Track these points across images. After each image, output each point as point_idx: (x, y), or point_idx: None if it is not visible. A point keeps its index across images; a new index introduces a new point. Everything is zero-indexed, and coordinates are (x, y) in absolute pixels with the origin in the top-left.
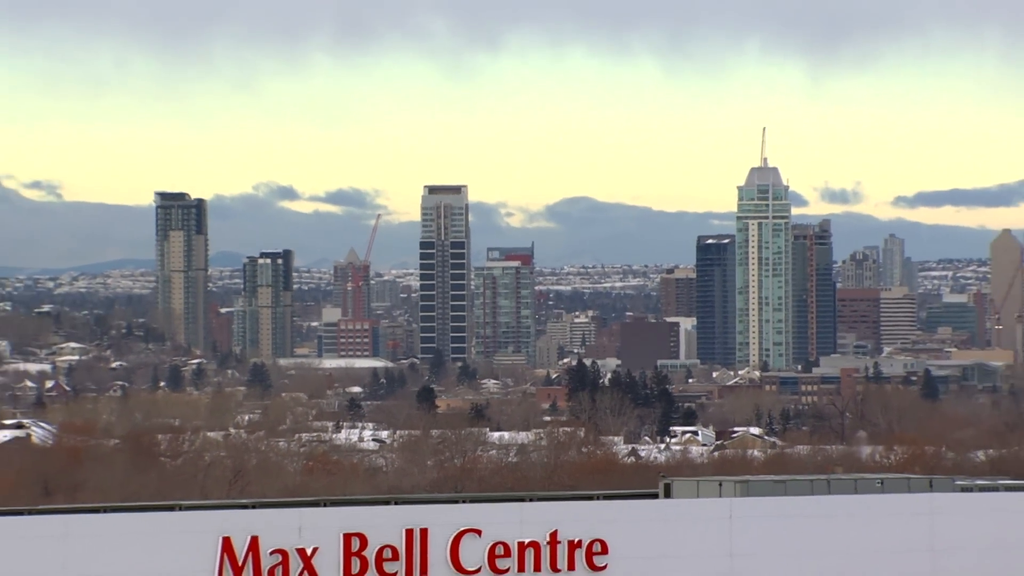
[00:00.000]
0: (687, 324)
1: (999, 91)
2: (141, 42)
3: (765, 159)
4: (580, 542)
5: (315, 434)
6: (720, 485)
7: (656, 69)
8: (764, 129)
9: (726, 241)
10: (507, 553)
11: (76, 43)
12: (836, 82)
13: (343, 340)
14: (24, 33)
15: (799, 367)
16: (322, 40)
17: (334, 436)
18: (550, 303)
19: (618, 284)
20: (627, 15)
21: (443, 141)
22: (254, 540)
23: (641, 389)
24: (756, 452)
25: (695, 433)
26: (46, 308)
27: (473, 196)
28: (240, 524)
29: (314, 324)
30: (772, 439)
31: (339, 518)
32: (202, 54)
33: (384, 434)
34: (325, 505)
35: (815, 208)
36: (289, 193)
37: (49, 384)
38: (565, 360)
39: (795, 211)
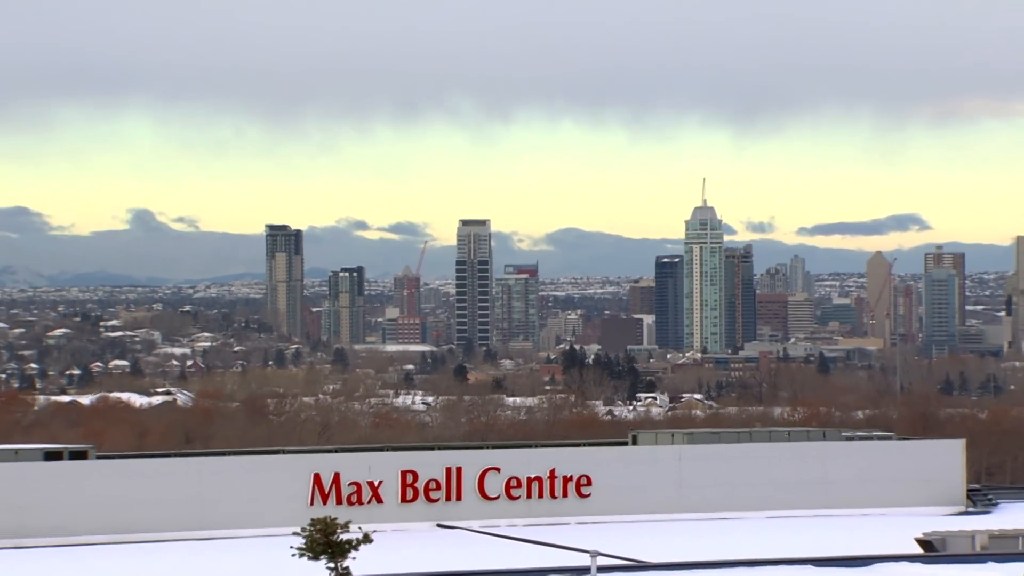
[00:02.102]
0: (649, 319)
1: (870, 152)
2: (253, 116)
3: (705, 200)
4: (571, 477)
5: (380, 399)
6: (672, 436)
7: (624, 136)
8: (704, 179)
9: (677, 260)
10: (519, 485)
11: (205, 116)
12: (754, 145)
13: (400, 331)
14: (167, 109)
15: (729, 350)
16: (384, 115)
17: (394, 400)
18: (550, 304)
19: (599, 291)
20: (602, 98)
21: (472, 187)
22: (336, 475)
23: (615, 367)
24: (698, 412)
25: (654, 398)
26: (187, 308)
27: (494, 227)
28: (326, 464)
29: (379, 319)
30: (710, 403)
31: (398, 459)
32: (297, 125)
33: (430, 399)
34: (387, 450)
35: (741, 236)
36: (362, 225)
37: (189, 363)
38: (560, 346)
39: (727, 238)
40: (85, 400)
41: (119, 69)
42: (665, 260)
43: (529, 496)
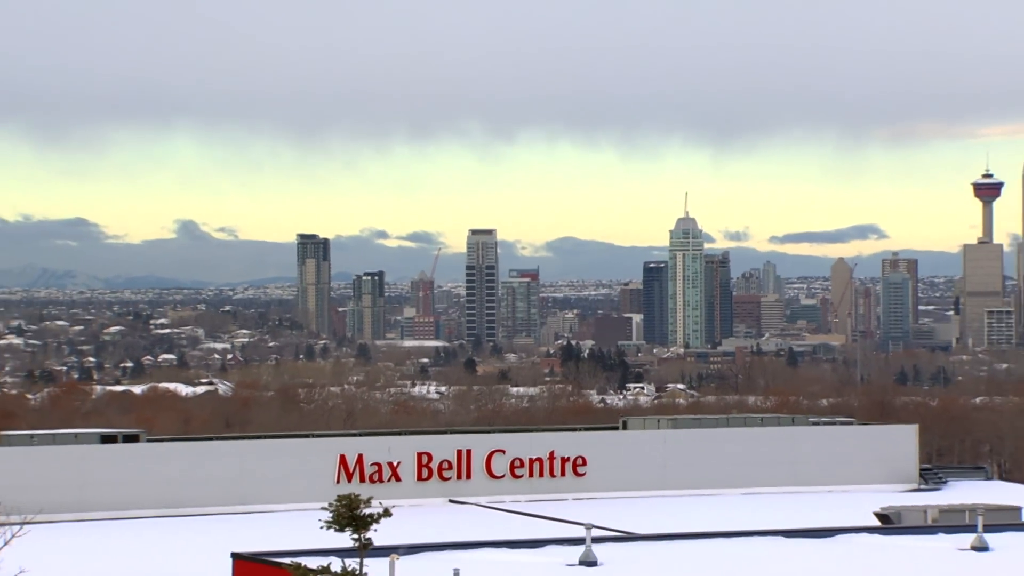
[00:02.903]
0: (637, 318)
1: (833, 170)
2: (285, 137)
3: (687, 212)
4: (569, 458)
5: (398, 388)
6: (658, 422)
7: (614, 155)
8: (686, 193)
9: (662, 265)
10: (522, 465)
11: (243, 137)
12: (730, 164)
13: (417, 328)
14: (209, 131)
15: (709, 346)
16: (401, 136)
17: (411, 390)
18: (549, 305)
19: (593, 292)
20: (595, 121)
21: (480, 201)
22: (360, 456)
23: (607, 360)
24: (681, 400)
25: (642, 388)
26: (227, 308)
27: (500, 236)
28: (351, 446)
29: (398, 318)
30: (692, 392)
31: (414, 442)
32: (324, 145)
33: (443, 388)
34: (405, 434)
35: (719, 244)
36: (383, 234)
37: (229, 356)
38: (559, 341)
39: (706, 246)
40: (137, 390)
41: (166, 95)
42: (652, 265)
43: (531, 475)
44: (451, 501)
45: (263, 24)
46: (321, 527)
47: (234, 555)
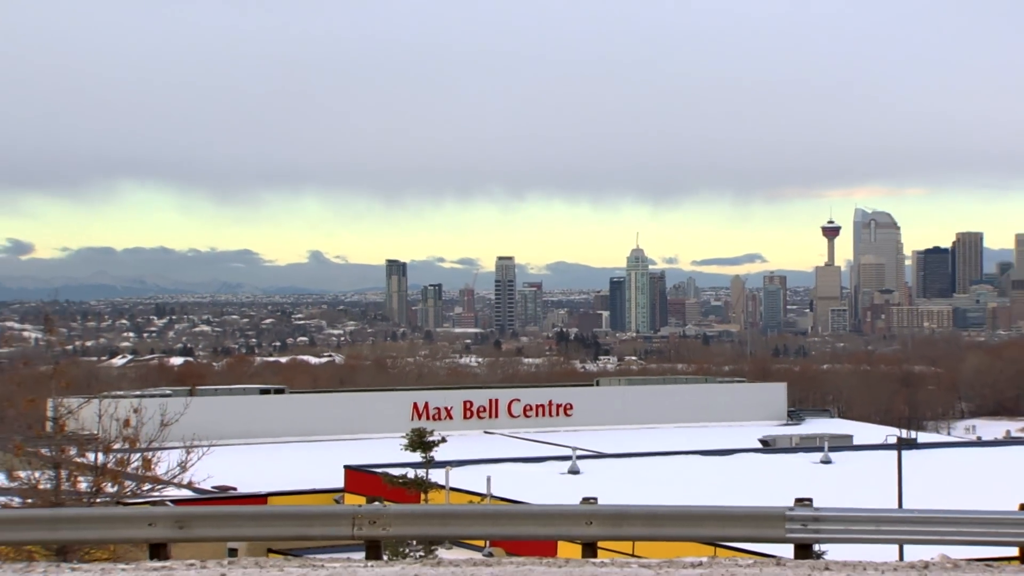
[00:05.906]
0: (606, 314)
1: (732, 219)
2: (377, 197)
3: (638, 245)
4: (562, 404)
5: (451, 359)
6: (620, 380)
7: (589, 208)
8: (637, 233)
9: (622, 280)
10: (531, 409)
11: (349, 197)
12: (665, 214)
13: (463, 321)
14: (328, 193)
15: (652, 332)
16: (451, 195)
17: (459, 360)
18: (549, 305)
19: (577, 297)
20: (576, 186)
21: (503, 238)
22: (426, 403)
23: (587, 341)
24: (634, 367)
25: (609, 359)
26: (341, 307)
27: (517, 261)
28: (420, 397)
29: (451, 314)
30: (641, 362)
31: (461, 394)
32: (401, 202)
33: (480, 359)
34: (455, 389)
35: (659, 266)
36: (441, 259)
37: (342, 339)
38: (555, 329)
39: (650, 267)
40: (283, 360)
41: (299, 168)
42: (615, 280)
43: (537, 416)
44: (486, 432)
45: (362, 118)
46: (401, 449)
47: (346, 466)
